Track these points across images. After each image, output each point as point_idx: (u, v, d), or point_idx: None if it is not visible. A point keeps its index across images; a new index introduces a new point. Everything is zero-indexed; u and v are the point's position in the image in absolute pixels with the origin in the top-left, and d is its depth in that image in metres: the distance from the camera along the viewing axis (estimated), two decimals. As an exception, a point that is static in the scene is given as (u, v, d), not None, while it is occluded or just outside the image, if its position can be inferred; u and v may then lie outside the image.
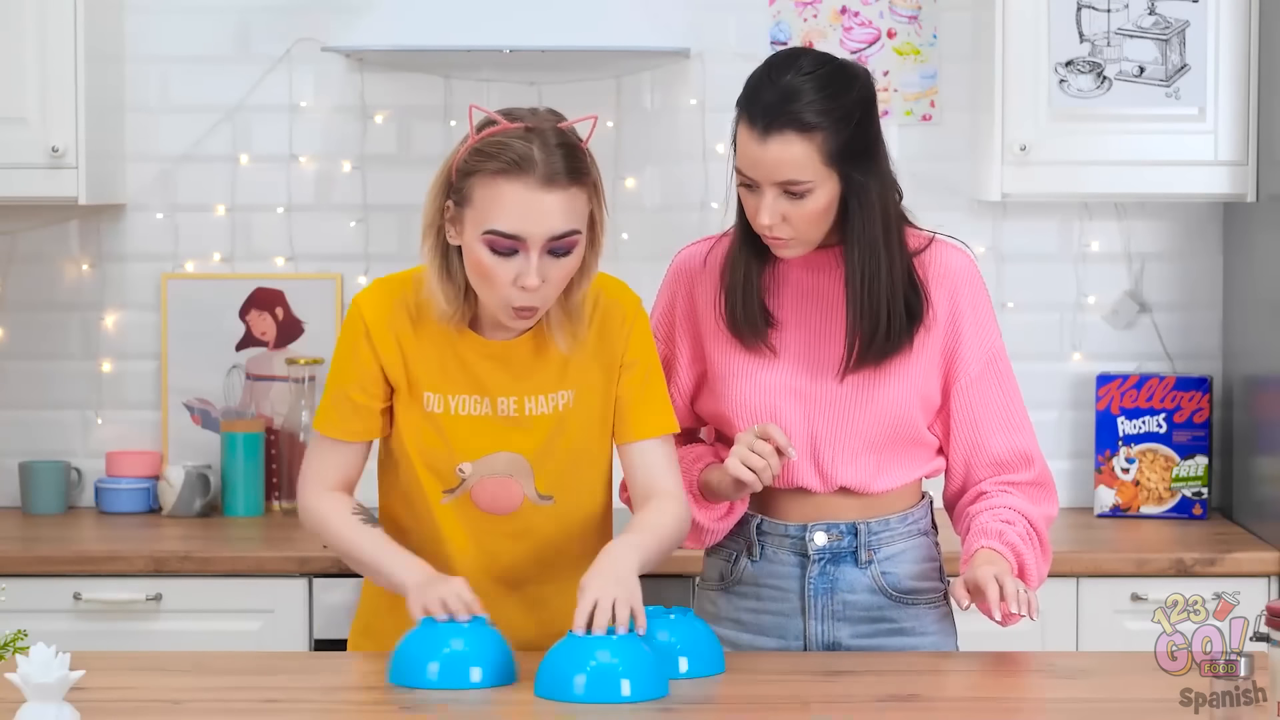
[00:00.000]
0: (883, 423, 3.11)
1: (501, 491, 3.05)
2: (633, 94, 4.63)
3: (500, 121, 2.95)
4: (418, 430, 3.05)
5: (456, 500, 3.05)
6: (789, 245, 3.06)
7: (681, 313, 3.20)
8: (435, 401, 3.04)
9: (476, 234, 2.92)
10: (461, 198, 2.95)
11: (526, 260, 2.90)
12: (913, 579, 3.16)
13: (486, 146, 2.92)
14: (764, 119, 2.97)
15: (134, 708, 2.77)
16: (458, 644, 2.83)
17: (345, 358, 3.07)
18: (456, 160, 2.96)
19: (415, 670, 2.82)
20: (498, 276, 2.92)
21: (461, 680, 2.81)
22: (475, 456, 3.04)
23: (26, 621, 3.12)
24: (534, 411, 3.04)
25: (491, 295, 2.95)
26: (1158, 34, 4.28)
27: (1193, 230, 4.66)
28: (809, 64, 3.02)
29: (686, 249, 3.25)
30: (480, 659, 2.82)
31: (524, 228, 2.89)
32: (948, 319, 3.13)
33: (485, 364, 3.03)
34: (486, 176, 2.91)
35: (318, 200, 4.67)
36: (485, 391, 3.03)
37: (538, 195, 2.89)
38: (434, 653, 2.82)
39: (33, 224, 4.64)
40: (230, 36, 4.64)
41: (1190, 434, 4.52)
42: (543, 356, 3.04)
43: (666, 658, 2.85)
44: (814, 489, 3.13)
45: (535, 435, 3.05)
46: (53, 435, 4.67)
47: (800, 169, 2.98)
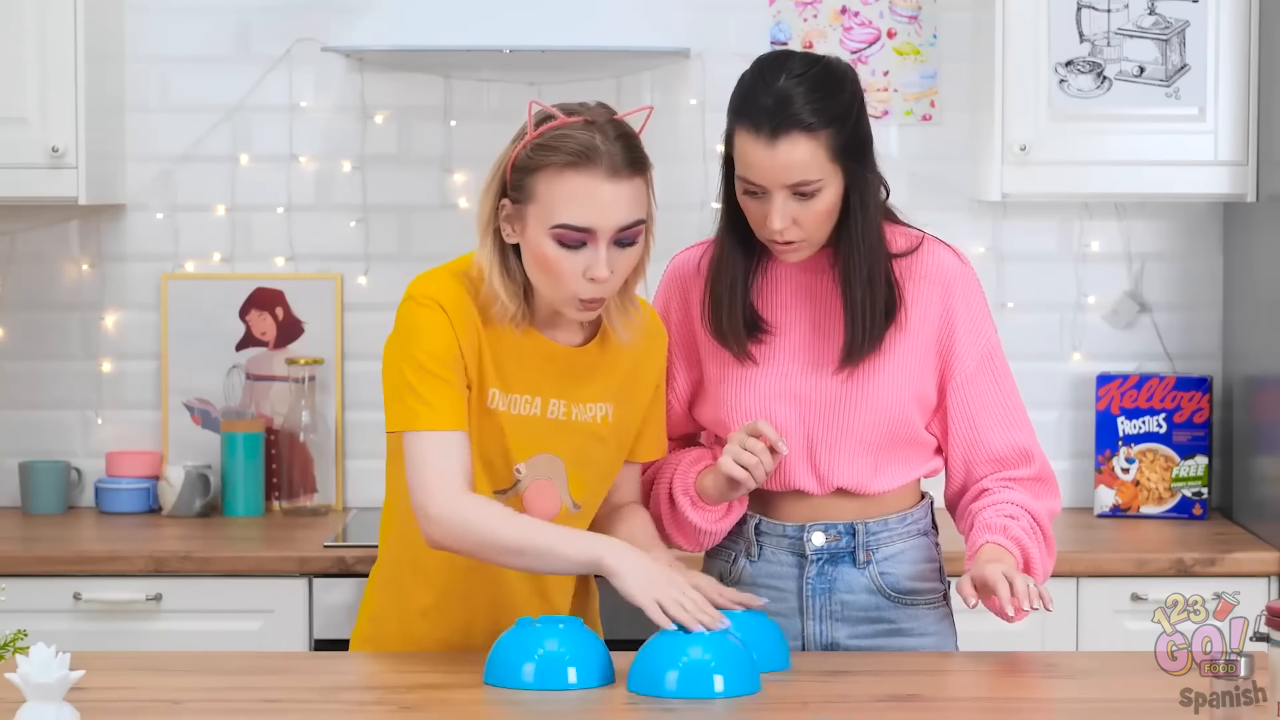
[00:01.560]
0: (878, 423, 3.11)
1: (547, 495, 3.04)
2: (633, 94, 4.63)
3: (558, 116, 2.93)
4: (478, 426, 2.99)
5: (506, 501, 3.01)
6: (798, 249, 3.06)
7: (677, 319, 3.20)
8: (499, 399, 2.99)
9: (543, 229, 2.90)
10: (522, 194, 2.92)
11: (595, 252, 2.89)
12: (912, 579, 3.16)
13: (549, 141, 2.90)
14: (769, 124, 2.97)
15: (134, 708, 2.77)
16: (552, 645, 2.82)
17: (431, 343, 2.93)
18: (514, 157, 2.93)
19: (511, 672, 2.82)
20: (565, 270, 2.90)
21: (559, 681, 2.81)
22: (524, 457, 3.02)
23: (26, 621, 3.12)
24: (578, 418, 3.03)
25: (558, 289, 2.92)
26: (1158, 34, 4.28)
27: (1193, 230, 4.66)
28: (799, 66, 3.02)
29: (680, 254, 3.25)
30: (576, 659, 2.82)
31: (594, 219, 2.88)
32: (941, 317, 3.13)
33: (545, 365, 3.01)
34: (552, 170, 2.89)
35: (318, 200, 4.67)
36: (539, 392, 3.01)
37: (605, 186, 2.88)
38: (529, 654, 2.82)
39: (33, 224, 4.64)
40: (230, 36, 4.64)
41: (1190, 434, 4.52)
42: (600, 366, 3.04)
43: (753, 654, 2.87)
44: (811, 491, 3.13)
45: (576, 440, 3.04)
46: (53, 435, 4.67)
47: (809, 169, 2.98)
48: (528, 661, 2.81)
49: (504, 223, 2.95)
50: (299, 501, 4.56)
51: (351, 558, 4.06)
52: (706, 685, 2.76)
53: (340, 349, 4.63)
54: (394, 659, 3.02)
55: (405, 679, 2.90)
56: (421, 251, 4.61)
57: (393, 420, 2.96)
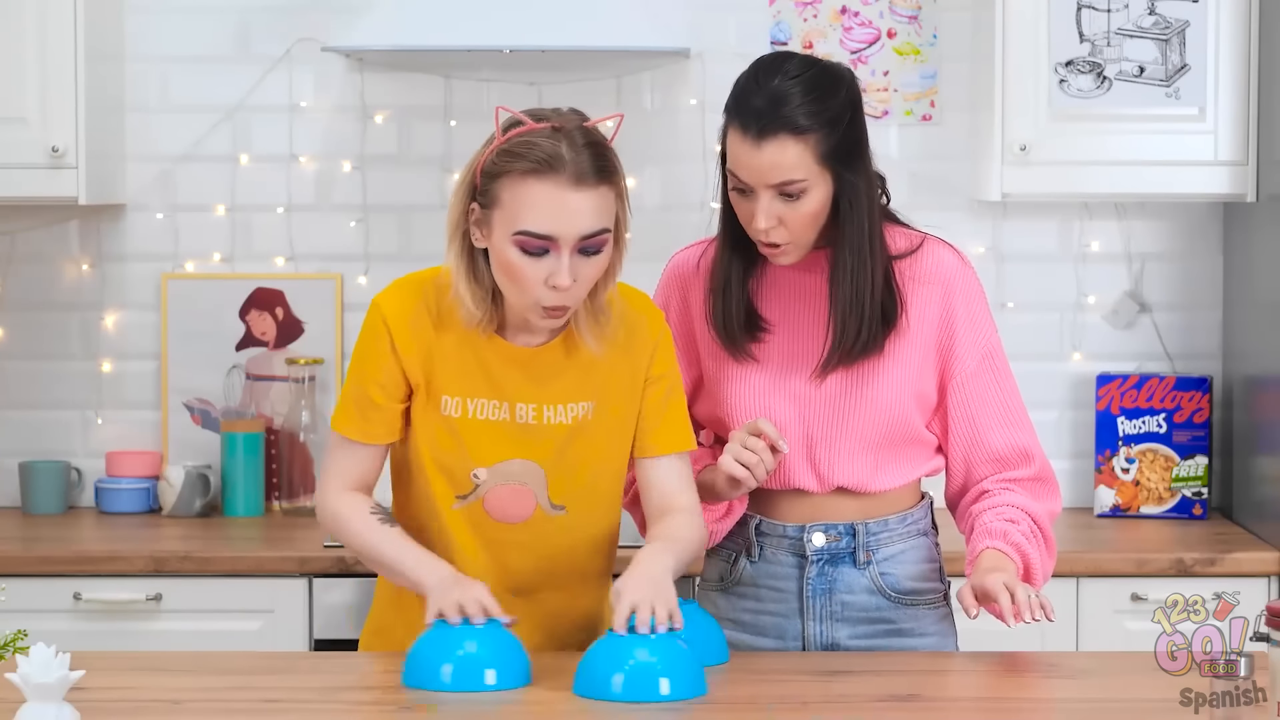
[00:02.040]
0: (878, 421, 3.11)
1: (514, 500, 3.04)
2: (633, 94, 4.63)
3: (526, 122, 2.93)
4: (433, 434, 3.02)
5: (468, 507, 3.03)
6: (785, 252, 3.06)
7: (676, 317, 3.20)
8: (453, 405, 3.01)
9: (506, 235, 2.90)
10: (489, 199, 2.92)
11: (558, 260, 2.89)
12: (912, 580, 3.16)
13: (514, 147, 2.90)
14: (757, 124, 2.98)
15: (134, 708, 2.77)
16: (471, 646, 2.82)
17: (366, 358, 3.04)
18: (482, 162, 2.94)
19: (428, 673, 2.82)
20: (528, 277, 2.90)
21: (476, 683, 2.81)
22: (490, 463, 3.03)
23: (26, 621, 3.12)
24: (552, 420, 3.03)
25: (522, 296, 2.93)
26: (1158, 34, 4.28)
27: (1193, 230, 4.66)
28: (795, 68, 3.03)
29: (680, 253, 3.25)
30: (494, 661, 2.82)
31: (555, 228, 2.88)
32: (941, 316, 3.13)
33: (508, 369, 3.01)
34: (516, 177, 2.89)
35: (318, 200, 4.67)
36: (505, 397, 3.01)
37: (568, 195, 2.88)
38: (448, 655, 2.82)
39: (33, 224, 4.64)
40: (230, 36, 4.64)
41: (1190, 434, 4.52)
42: (568, 365, 3.03)
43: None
44: (811, 489, 3.13)
45: (551, 444, 3.03)
46: (53, 435, 4.67)
47: (794, 169, 2.98)
48: (446, 663, 2.82)
49: (473, 227, 2.96)
50: (299, 501, 4.56)
51: (351, 558, 4.05)
52: (652, 689, 2.75)
53: (340, 349, 4.63)
54: (394, 659, 3.01)
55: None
56: (421, 251, 4.61)
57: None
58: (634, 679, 2.75)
